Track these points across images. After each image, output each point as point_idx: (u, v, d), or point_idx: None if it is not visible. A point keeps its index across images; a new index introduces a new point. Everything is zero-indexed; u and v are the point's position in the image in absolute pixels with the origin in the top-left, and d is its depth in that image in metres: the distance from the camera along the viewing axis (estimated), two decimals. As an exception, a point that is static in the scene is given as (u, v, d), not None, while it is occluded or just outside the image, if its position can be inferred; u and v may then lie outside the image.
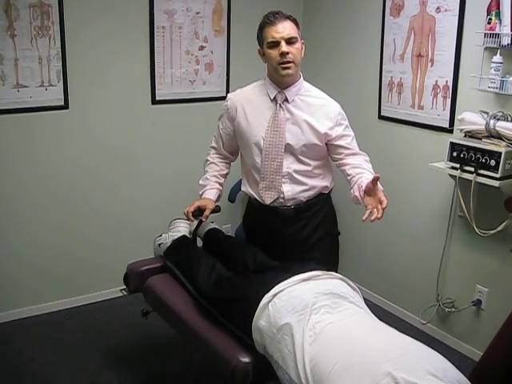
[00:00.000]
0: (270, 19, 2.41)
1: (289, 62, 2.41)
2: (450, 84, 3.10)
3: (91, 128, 3.51)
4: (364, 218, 2.27)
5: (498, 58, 2.72)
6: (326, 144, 2.54)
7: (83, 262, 3.64)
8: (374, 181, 2.27)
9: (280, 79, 2.47)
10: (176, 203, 2.89)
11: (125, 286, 2.84)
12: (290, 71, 2.43)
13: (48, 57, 3.26)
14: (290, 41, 2.40)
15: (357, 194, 2.41)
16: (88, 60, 3.40)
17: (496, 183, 2.70)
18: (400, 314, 3.63)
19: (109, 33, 3.43)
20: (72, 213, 3.56)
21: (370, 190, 2.31)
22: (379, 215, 2.24)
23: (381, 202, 2.26)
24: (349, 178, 2.52)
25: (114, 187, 3.67)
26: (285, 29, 2.39)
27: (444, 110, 3.16)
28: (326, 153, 2.59)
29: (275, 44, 2.40)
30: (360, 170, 2.50)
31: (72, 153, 3.48)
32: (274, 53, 2.41)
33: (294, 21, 2.45)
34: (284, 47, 2.38)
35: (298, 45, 2.43)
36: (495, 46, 2.72)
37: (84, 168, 3.54)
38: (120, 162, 3.65)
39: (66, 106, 3.39)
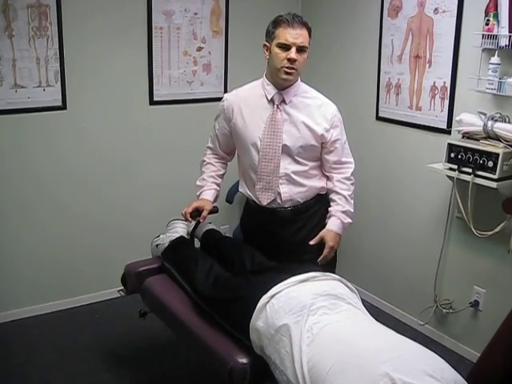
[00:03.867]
0: (289, 20, 2.39)
1: (292, 69, 2.41)
2: (448, 85, 3.10)
3: (89, 128, 3.51)
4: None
5: (495, 59, 2.72)
6: (321, 145, 2.54)
7: (81, 262, 3.63)
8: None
9: (278, 80, 2.47)
10: (174, 204, 2.89)
11: (122, 287, 2.83)
12: (290, 77, 2.44)
13: (46, 57, 3.26)
14: (300, 49, 2.40)
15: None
16: (86, 61, 3.40)
17: (494, 184, 2.71)
18: (398, 315, 3.63)
19: (107, 33, 3.43)
20: (68, 214, 3.55)
21: None
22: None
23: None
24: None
25: (111, 187, 3.66)
26: (300, 36, 2.38)
27: (442, 111, 3.16)
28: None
29: (286, 47, 2.39)
30: (333, 196, 2.64)
31: (69, 153, 3.48)
32: (281, 54, 2.40)
33: (310, 30, 2.45)
34: (293, 54, 2.38)
35: (305, 55, 2.44)
36: (493, 47, 2.73)
37: (81, 168, 3.53)
38: (117, 163, 3.65)
39: (63, 107, 3.39)
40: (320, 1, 3.94)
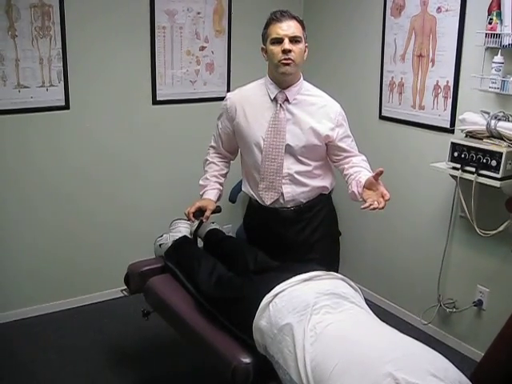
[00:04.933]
0: (276, 16, 2.41)
1: (289, 59, 2.40)
2: (451, 84, 3.09)
3: (92, 128, 3.51)
4: (363, 206, 2.24)
5: (498, 58, 2.72)
6: (326, 144, 2.53)
7: (84, 262, 3.64)
8: (378, 174, 2.25)
9: (279, 77, 2.46)
10: (177, 204, 2.89)
11: (126, 287, 2.84)
12: (289, 68, 2.41)
13: (49, 57, 3.26)
14: (293, 39, 2.39)
15: (355, 189, 2.41)
16: (89, 60, 3.40)
17: (497, 183, 2.70)
18: (401, 314, 3.62)
19: (109, 33, 3.43)
20: (72, 213, 3.56)
21: (372, 184, 2.29)
22: (381, 205, 2.20)
23: (383, 195, 2.23)
24: (346, 176, 2.53)
25: (114, 187, 3.67)
26: (290, 27, 2.38)
27: (445, 110, 3.15)
28: (326, 153, 2.59)
29: (278, 41, 2.38)
30: (358, 168, 2.50)
31: (72, 153, 3.49)
32: (276, 49, 2.39)
33: (301, 22, 2.45)
34: (287, 45, 2.37)
35: (301, 45, 2.42)
36: (496, 46, 2.72)
37: (84, 168, 3.54)
38: (120, 162, 3.65)
39: (66, 107, 3.39)
40: (323, 0, 3.94)
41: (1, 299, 3.41)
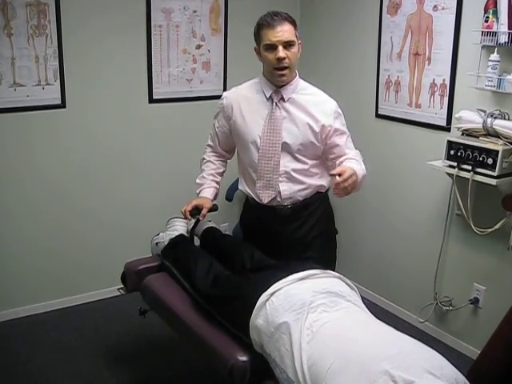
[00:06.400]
0: (267, 21, 2.38)
1: (285, 68, 2.40)
2: (448, 82, 3.10)
3: (88, 127, 3.51)
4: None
5: (495, 56, 2.72)
6: (324, 143, 2.53)
7: (81, 261, 3.64)
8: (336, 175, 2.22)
9: (274, 81, 2.47)
10: (173, 202, 2.89)
11: (122, 285, 2.84)
12: (284, 77, 2.44)
13: (45, 56, 3.26)
14: (287, 44, 2.38)
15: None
16: (85, 59, 3.40)
17: (493, 181, 2.70)
18: (398, 312, 3.63)
19: (106, 31, 3.42)
20: (69, 212, 3.55)
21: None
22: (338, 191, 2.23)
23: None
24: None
25: (111, 186, 3.67)
26: (283, 33, 2.36)
27: (441, 108, 3.16)
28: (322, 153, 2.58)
29: (272, 47, 2.38)
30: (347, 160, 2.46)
31: (69, 151, 3.48)
32: (270, 56, 2.39)
33: (293, 22, 2.42)
34: (281, 52, 2.36)
35: (295, 48, 2.41)
36: (492, 44, 2.72)
37: (81, 166, 3.54)
38: (117, 161, 3.65)
39: (63, 105, 3.39)
40: (319, -2, 3.94)
41: (-3, 298, 3.42)
